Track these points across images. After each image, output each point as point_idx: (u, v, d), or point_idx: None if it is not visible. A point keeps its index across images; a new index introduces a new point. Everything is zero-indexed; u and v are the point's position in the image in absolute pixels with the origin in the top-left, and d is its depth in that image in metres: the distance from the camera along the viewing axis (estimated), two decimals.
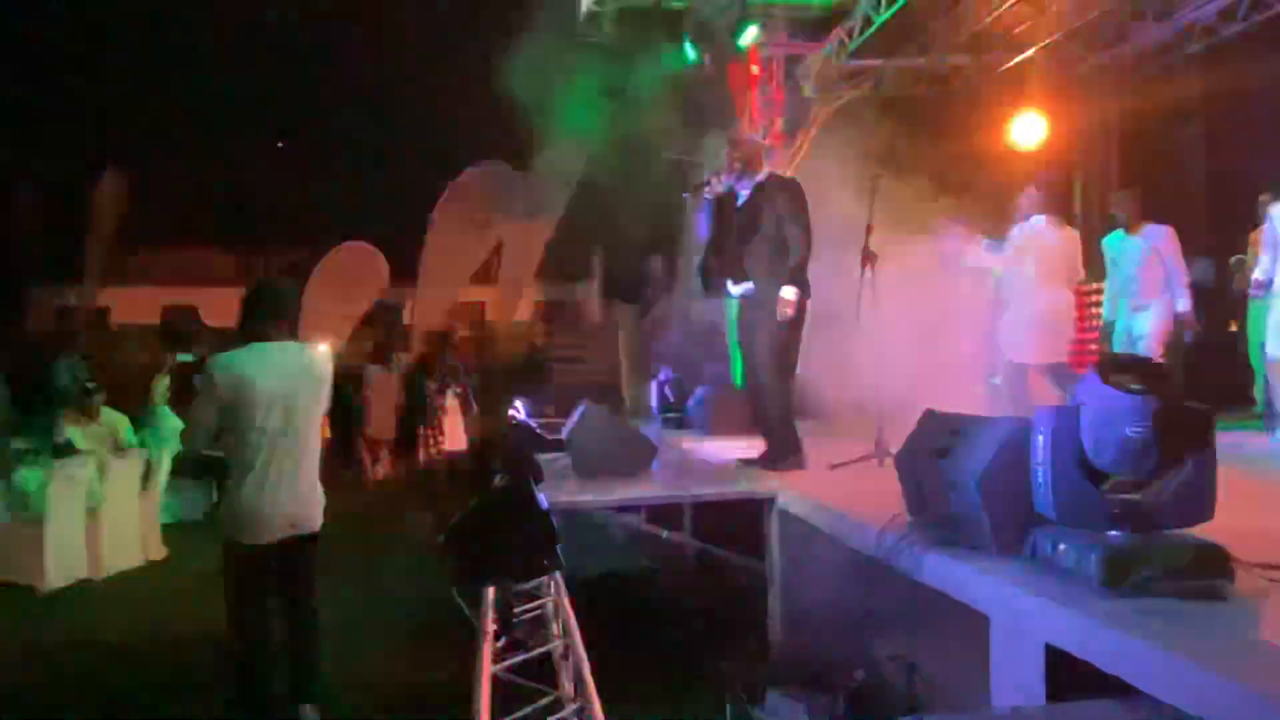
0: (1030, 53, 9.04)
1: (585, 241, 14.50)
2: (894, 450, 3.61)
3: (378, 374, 10.77)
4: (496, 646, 2.41)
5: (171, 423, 7.94)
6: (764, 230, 4.64)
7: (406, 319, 13.43)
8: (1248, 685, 1.62)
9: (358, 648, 4.34)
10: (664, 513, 5.43)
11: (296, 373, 3.39)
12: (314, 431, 3.50)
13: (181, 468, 7.63)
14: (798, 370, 4.88)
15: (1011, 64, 9.27)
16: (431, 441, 9.63)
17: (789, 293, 4.52)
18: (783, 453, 4.74)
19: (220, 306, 13.55)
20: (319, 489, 3.47)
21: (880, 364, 4.99)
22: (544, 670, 2.52)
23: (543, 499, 2.31)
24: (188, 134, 15.23)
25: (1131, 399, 2.11)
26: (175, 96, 15.02)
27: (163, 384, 7.94)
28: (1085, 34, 9.24)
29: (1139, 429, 2.09)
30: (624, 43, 8.72)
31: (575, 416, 5.07)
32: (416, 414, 10.67)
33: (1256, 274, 5.42)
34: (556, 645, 2.41)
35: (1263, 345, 5.82)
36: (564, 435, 5.04)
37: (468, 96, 11.16)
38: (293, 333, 3.44)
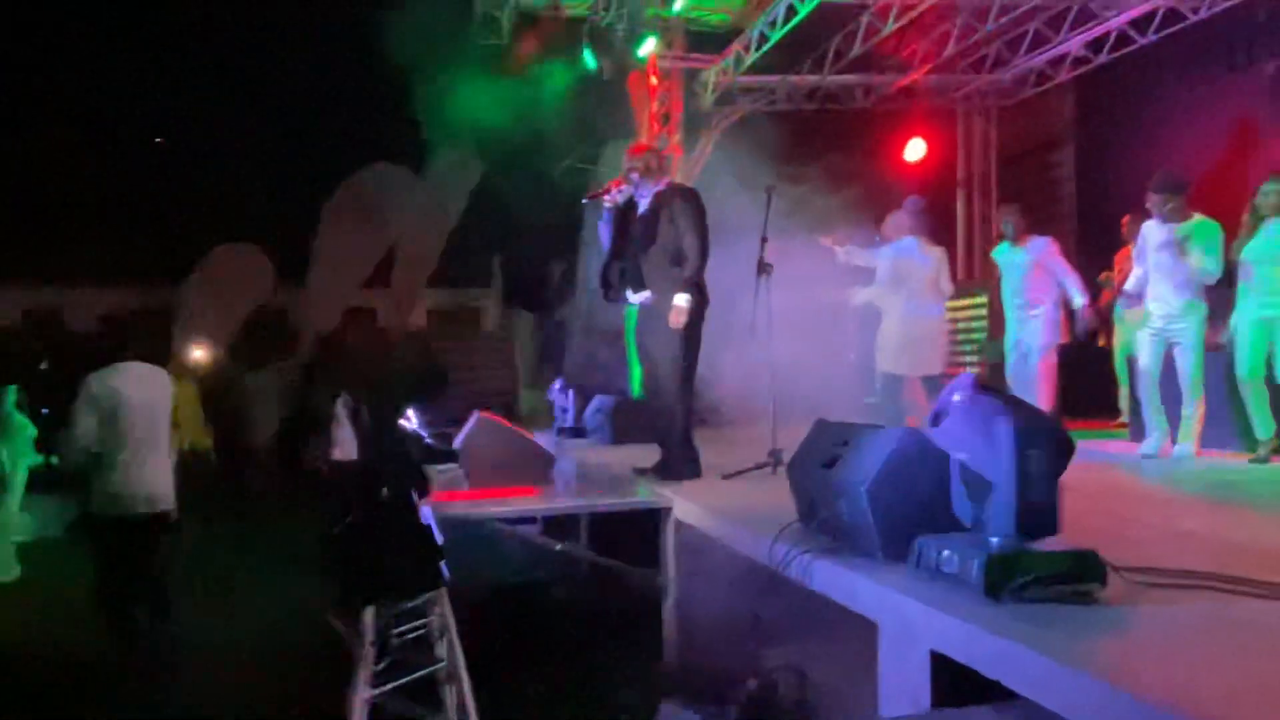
0: (915, 75, 9.42)
1: (483, 247, 14.27)
2: (788, 459, 3.67)
3: (255, 381, 10.30)
4: (376, 669, 2.29)
5: (28, 433, 7.35)
6: (661, 239, 4.64)
7: (294, 324, 12.90)
8: (1117, 687, 1.66)
9: (227, 669, 4.10)
10: (560, 524, 5.35)
11: (152, 387, 4.49)
12: (165, 431, 4.51)
13: (40, 479, 7.11)
14: (696, 380, 4.90)
15: (898, 85, 9.64)
16: (319, 451, 9.25)
17: (682, 300, 4.53)
18: (679, 462, 4.73)
19: (88, 308, 12.72)
20: (170, 476, 4.46)
21: (775, 373, 5.06)
22: (428, 692, 2.41)
23: (426, 512, 2.21)
24: (61, 129, 14.28)
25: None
26: (48, 86, 14.08)
27: (11, 393, 7.35)
28: (967, 59, 9.71)
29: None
30: (522, 49, 8.62)
31: (468, 426, 4.94)
32: (303, 422, 10.24)
33: (1128, 285, 5.75)
34: (441, 666, 2.30)
35: (1129, 358, 6.19)
36: (456, 445, 4.90)
37: (361, 96, 10.84)
38: (140, 356, 4.47)
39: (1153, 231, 5.34)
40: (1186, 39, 8.44)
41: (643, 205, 4.78)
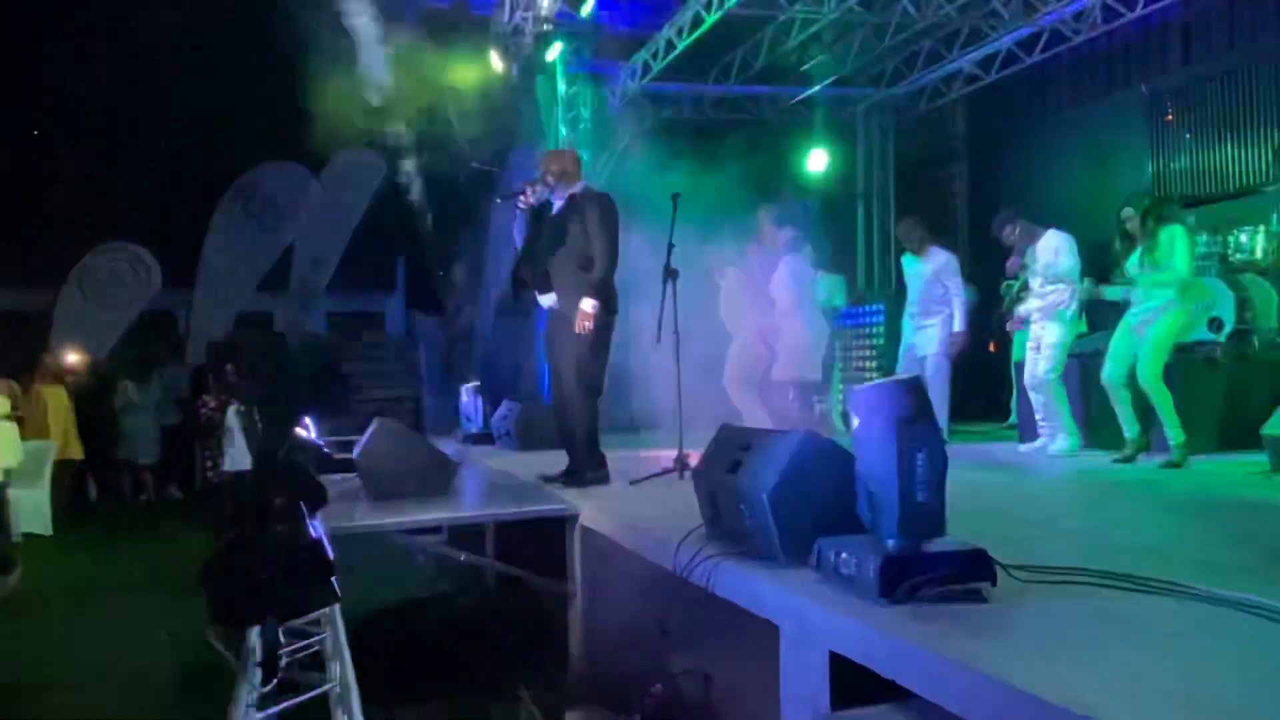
0: (817, 88, 9.68)
1: (386, 249, 13.92)
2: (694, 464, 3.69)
3: (134, 390, 9.77)
4: (263, 690, 2.18)
5: None
6: (571, 243, 4.62)
7: (182, 329, 12.31)
8: (1005, 683, 1.72)
9: (105, 694, 3.86)
10: (467, 534, 5.26)
11: None
12: None
13: None
14: (604, 385, 4.89)
15: (801, 97, 9.88)
16: (209, 463, 8.87)
17: (588, 305, 4.52)
18: (586, 469, 4.71)
19: None
20: None
21: (683, 378, 5.10)
22: (321, 714, 2.31)
23: (315, 526, 2.12)
24: None
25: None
26: None
27: None
28: (866, 73, 10.02)
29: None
30: (427, 49, 8.46)
31: (367, 434, 4.80)
32: (192, 433, 9.76)
33: (1020, 310, 6.08)
34: (332, 686, 2.21)
35: (1020, 364, 6.49)
36: (355, 454, 4.76)
37: (258, 91, 10.43)
38: None
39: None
40: (1069, 60, 8.92)
41: (555, 208, 4.76)
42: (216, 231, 11.76)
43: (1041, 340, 5.71)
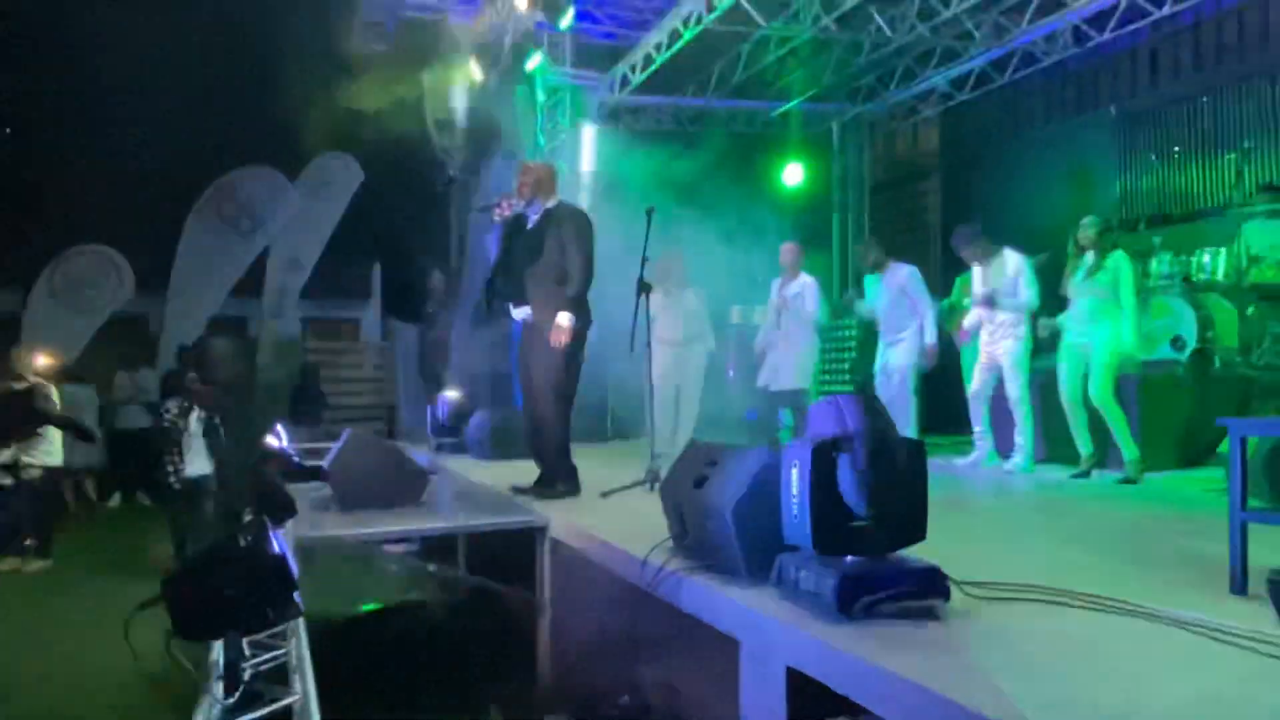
0: (794, 103, 9.80)
1: (363, 256, 13.89)
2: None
3: (78, 393, 9.63)
4: (226, 702, 2.20)
5: None
6: (547, 256, 4.67)
7: (154, 333, 12.19)
8: (956, 700, 1.78)
9: (61, 706, 3.83)
10: (438, 544, 5.26)
11: None
12: None
13: None
14: (575, 397, 4.93)
15: (778, 111, 10.00)
16: (171, 468, 8.79)
17: (564, 319, 4.56)
18: (557, 480, 4.75)
19: None
20: None
21: (655, 390, 5.15)
22: None
23: (278, 538, 2.14)
24: None
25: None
26: None
27: None
28: (842, 89, 10.16)
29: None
30: (406, 56, 8.48)
31: (338, 443, 4.81)
32: (157, 437, 9.65)
33: (965, 323, 6.23)
34: (297, 699, 2.23)
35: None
36: (325, 464, 4.76)
37: (235, 95, 10.38)
38: None
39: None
40: (1042, 79, 9.09)
41: (531, 221, 4.80)
42: (190, 235, 11.66)
43: (998, 360, 5.82)
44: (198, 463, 6.51)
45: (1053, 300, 5.65)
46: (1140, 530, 3.80)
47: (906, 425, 6.47)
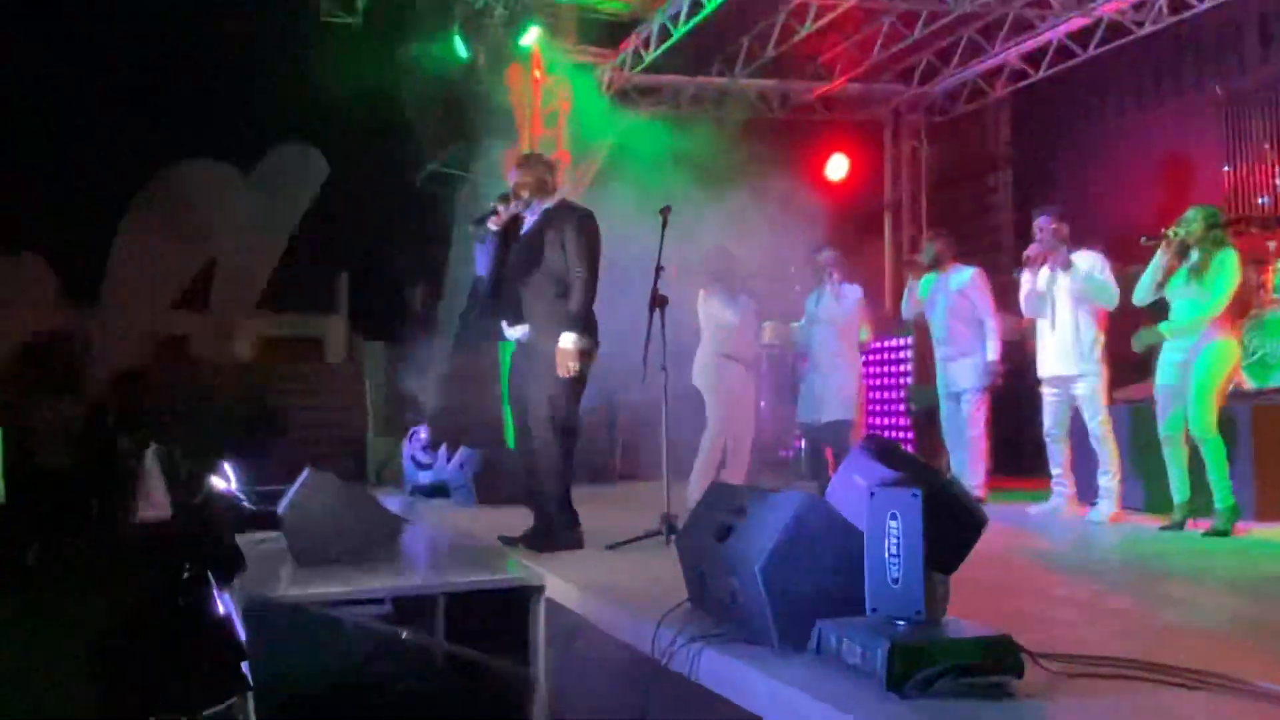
0: (837, 82, 9.85)
1: (328, 263, 13.99)
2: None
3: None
4: None
5: None
6: (547, 265, 4.68)
7: (83, 353, 12.30)
8: None
9: None
10: (413, 606, 5.26)
11: None
12: None
13: None
14: (579, 432, 4.95)
15: (818, 93, 10.05)
16: (123, 511, 8.83)
17: (568, 341, 4.58)
18: (555, 530, 4.75)
19: None
20: None
21: (671, 424, 5.16)
22: None
23: (225, 601, 2.16)
24: None
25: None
26: None
27: None
28: (894, 69, 10.20)
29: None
30: (380, 29, 8.59)
31: (296, 484, 4.82)
32: (101, 476, 9.71)
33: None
34: None
35: None
36: (282, 509, 4.78)
37: (177, 76, 10.54)
38: None
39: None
40: (1131, 56, 9.12)
41: (528, 224, 4.82)
42: (125, 240, 11.80)
43: (1074, 387, 5.81)
44: (156, 504, 6.56)
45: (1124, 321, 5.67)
46: (1252, 593, 3.77)
47: (976, 463, 6.46)
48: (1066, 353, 5.84)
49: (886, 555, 2.36)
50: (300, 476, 4.87)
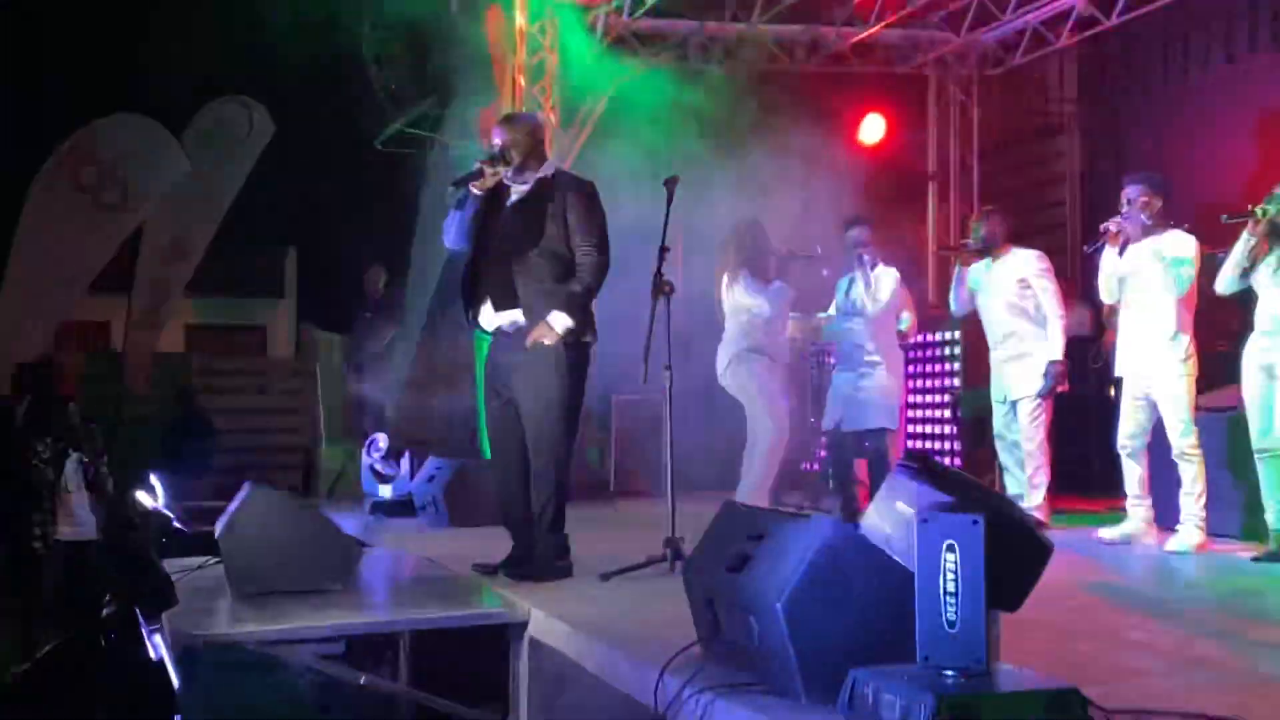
0: (873, 29, 9.82)
1: (273, 240, 14.00)
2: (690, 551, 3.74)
3: None
4: None
5: None
6: (547, 242, 4.72)
7: None
8: None
9: None
10: (371, 646, 5.27)
11: None
12: None
13: None
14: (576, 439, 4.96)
15: (850, 41, 10.01)
16: (39, 529, 8.83)
17: (559, 320, 4.62)
18: (543, 556, 4.76)
19: None
20: None
21: (677, 430, 5.16)
22: None
23: (152, 637, 2.16)
24: None
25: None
26: None
27: None
28: (940, 14, 10.17)
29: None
30: None
31: (236, 502, 4.84)
32: (10, 488, 9.69)
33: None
34: None
35: None
36: (218, 531, 4.79)
37: (100, 17, 10.53)
38: None
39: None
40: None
41: (516, 194, 4.84)
42: (34, 210, 11.77)
43: (1153, 391, 5.80)
44: (76, 522, 6.56)
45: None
46: None
47: (1036, 482, 6.46)
48: (1149, 349, 5.80)
49: (942, 593, 2.34)
50: (240, 493, 4.88)
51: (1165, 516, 5.98)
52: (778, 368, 6.68)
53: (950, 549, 2.35)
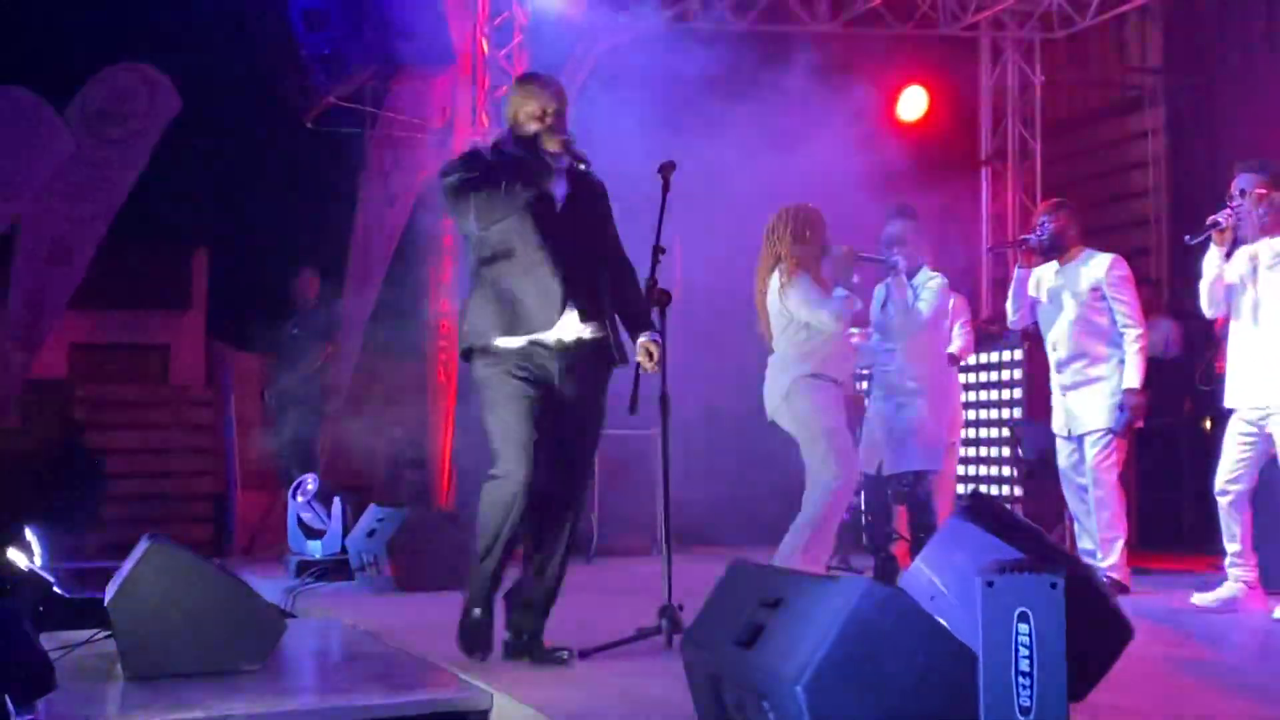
0: None
1: (178, 238, 13.97)
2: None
3: None
4: None
5: None
6: (613, 246, 5.06)
7: None
8: None
9: None
10: None
11: None
12: None
13: None
14: None
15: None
16: None
17: (651, 338, 4.90)
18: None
19: None
20: None
21: (674, 473, 5.16)
22: None
23: None
24: None
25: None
26: None
27: None
28: None
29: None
30: None
31: (131, 560, 4.82)
32: None
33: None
34: None
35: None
36: (108, 596, 4.77)
37: None
38: None
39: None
40: None
41: (562, 190, 4.92)
42: None
43: (1270, 423, 5.80)
44: None
45: None
46: None
47: (1111, 535, 6.45)
48: (1267, 374, 5.78)
49: (1014, 674, 2.31)
50: (135, 550, 4.86)
51: (1271, 578, 5.99)
52: (842, 397, 6.49)
53: (1024, 618, 2.32)
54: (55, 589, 5.76)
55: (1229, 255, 5.94)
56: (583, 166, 4.84)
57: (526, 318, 4.79)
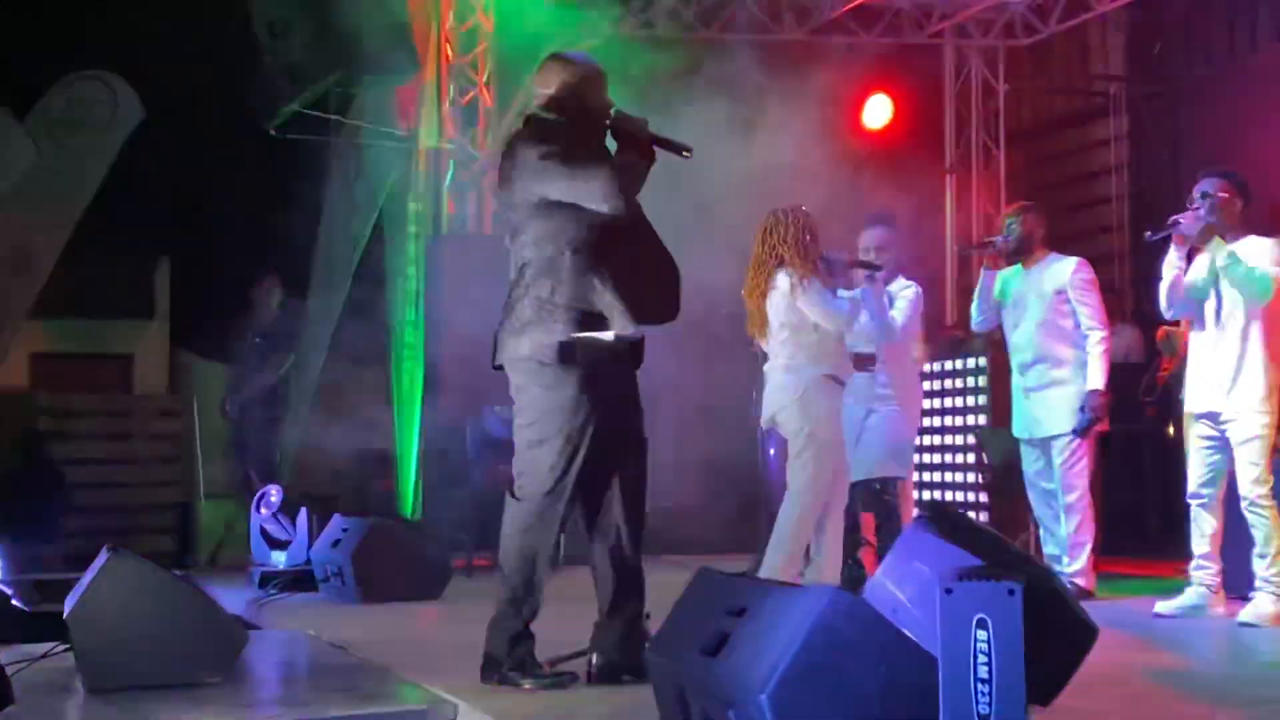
0: None
1: (140, 248, 13.89)
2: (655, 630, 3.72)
3: None
4: None
5: None
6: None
7: None
8: None
9: None
10: None
11: None
12: None
13: None
14: None
15: (850, 5, 10.10)
16: None
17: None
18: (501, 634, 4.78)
19: None
20: None
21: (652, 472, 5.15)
22: None
23: None
24: None
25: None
26: None
27: None
28: None
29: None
30: None
31: (91, 573, 4.78)
32: None
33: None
34: None
35: None
36: (68, 610, 4.73)
37: None
38: None
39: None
40: None
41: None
42: None
43: (1229, 429, 5.84)
44: None
45: None
46: None
47: (1078, 541, 6.48)
48: (1227, 381, 5.82)
49: (973, 681, 2.31)
50: (95, 562, 4.83)
51: (1235, 582, 6.02)
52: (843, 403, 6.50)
53: (981, 625, 2.34)
54: (14, 601, 5.71)
55: (1189, 260, 5.99)
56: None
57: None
